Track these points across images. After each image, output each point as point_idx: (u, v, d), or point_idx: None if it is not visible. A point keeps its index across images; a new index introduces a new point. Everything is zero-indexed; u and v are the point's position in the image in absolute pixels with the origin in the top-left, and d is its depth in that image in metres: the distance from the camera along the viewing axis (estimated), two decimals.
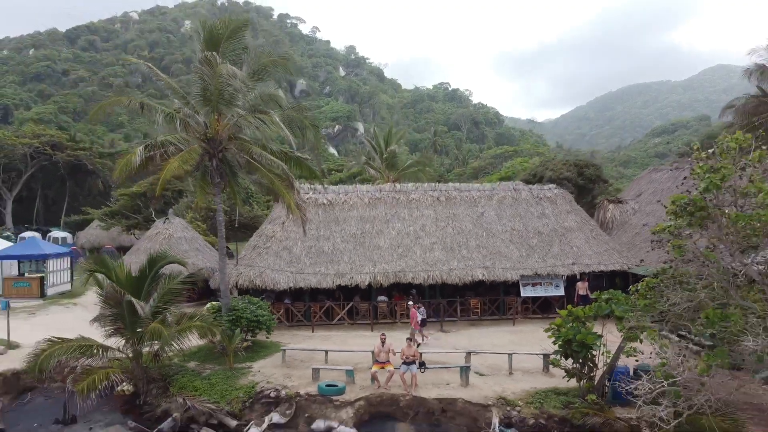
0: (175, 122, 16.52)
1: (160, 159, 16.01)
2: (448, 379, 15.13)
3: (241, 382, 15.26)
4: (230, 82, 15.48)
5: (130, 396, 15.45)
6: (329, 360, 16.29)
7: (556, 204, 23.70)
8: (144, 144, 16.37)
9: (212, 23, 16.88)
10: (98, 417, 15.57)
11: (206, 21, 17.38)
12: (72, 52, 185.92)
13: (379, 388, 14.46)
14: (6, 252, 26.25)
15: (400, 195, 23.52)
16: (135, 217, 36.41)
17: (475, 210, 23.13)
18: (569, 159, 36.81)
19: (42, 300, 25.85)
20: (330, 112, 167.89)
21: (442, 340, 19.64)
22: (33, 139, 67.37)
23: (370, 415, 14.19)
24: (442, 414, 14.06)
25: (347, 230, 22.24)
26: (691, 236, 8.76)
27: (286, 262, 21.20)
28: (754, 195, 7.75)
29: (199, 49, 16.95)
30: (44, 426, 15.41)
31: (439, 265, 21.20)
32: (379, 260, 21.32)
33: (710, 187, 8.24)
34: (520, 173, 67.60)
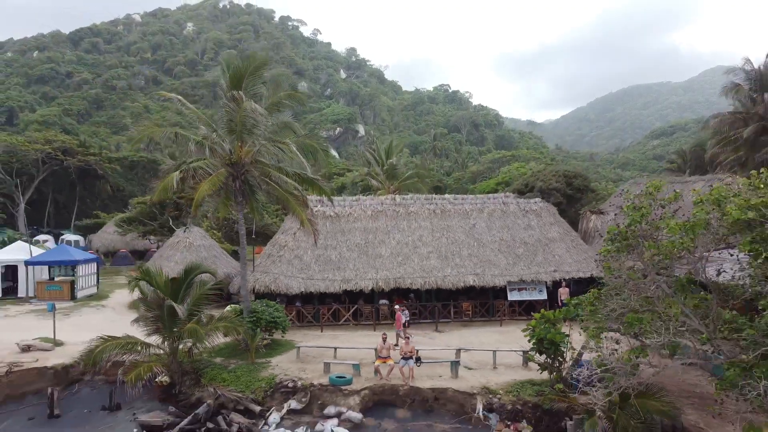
0: (204, 148, 19.07)
1: (192, 180, 18.55)
2: (441, 372, 17.72)
3: (262, 375, 17.84)
4: (252, 116, 18.07)
5: (167, 386, 18.02)
6: (338, 356, 18.88)
7: (541, 216, 26.31)
8: (179, 169, 18.88)
9: (237, 64, 19.41)
10: (139, 404, 18.16)
11: (231, 61, 19.86)
12: (75, 54, 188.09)
13: (381, 380, 17.04)
14: (40, 258, 28.86)
15: (399, 208, 26.12)
16: (151, 223, 39.00)
17: (467, 222, 25.74)
18: (558, 170, 39.31)
19: (73, 302, 28.45)
20: (331, 114, 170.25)
21: (436, 339, 22.21)
22: (45, 144, 69.79)
23: (373, 402, 16.77)
24: (435, 401, 16.64)
25: (352, 240, 24.84)
26: (619, 258, 11.30)
27: (297, 269, 23.78)
28: (664, 228, 10.26)
29: (225, 85, 19.47)
30: (93, 412, 18.01)
31: (434, 272, 23.79)
32: (380, 267, 23.90)
33: (632, 222, 10.80)
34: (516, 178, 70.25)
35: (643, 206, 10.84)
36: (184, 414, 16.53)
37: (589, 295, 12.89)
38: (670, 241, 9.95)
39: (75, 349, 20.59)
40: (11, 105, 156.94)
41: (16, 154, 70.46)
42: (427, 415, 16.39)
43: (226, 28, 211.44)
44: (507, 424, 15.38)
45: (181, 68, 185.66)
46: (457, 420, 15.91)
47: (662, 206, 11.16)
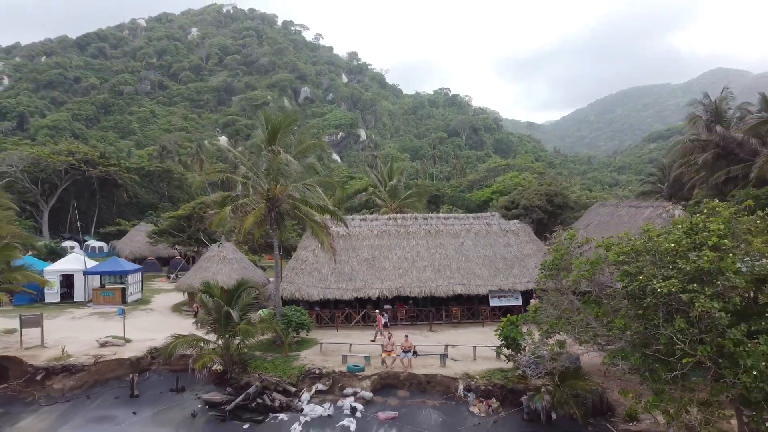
0: (248, 187, 24.50)
1: (240, 212, 23.94)
2: (432, 362, 23.19)
3: (294, 364, 23.31)
4: (286, 164, 23.50)
5: (220, 373, 23.46)
6: (352, 350, 24.34)
7: (518, 235, 31.74)
8: (225, 203, 24.27)
9: (273, 120, 24.74)
10: (198, 387, 23.65)
11: (269, 117, 25.18)
12: (83, 59, 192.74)
13: (386, 368, 22.51)
14: (96, 268, 34.35)
15: (400, 228, 31.59)
16: (180, 235, 44.45)
17: (457, 240, 31.19)
18: (541, 189, 44.68)
19: (125, 306, 33.89)
20: (333, 119, 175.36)
21: (430, 337, 27.66)
22: (68, 156, 75.13)
23: (381, 384, 22.24)
24: (427, 384, 22.12)
25: (361, 256, 30.30)
26: (547, 282, 16.63)
27: (316, 280, 29.26)
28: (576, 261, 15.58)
29: (264, 137, 24.80)
30: (164, 393, 23.47)
31: (429, 282, 29.25)
32: (385, 278, 29.36)
33: (556, 258, 16.13)
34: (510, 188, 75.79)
35: (563, 248, 16.20)
36: (237, 393, 21.97)
37: (532, 306, 18.32)
38: (578, 273, 15.32)
39: (141, 345, 26.20)
40: (22, 110, 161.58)
41: (41, 164, 75.93)
42: (421, 394, 21.89)
43: (230, 33, 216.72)
44: (481, 401, 20.85)
45: (186, 73, 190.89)
46: (443, 397, 21.38)
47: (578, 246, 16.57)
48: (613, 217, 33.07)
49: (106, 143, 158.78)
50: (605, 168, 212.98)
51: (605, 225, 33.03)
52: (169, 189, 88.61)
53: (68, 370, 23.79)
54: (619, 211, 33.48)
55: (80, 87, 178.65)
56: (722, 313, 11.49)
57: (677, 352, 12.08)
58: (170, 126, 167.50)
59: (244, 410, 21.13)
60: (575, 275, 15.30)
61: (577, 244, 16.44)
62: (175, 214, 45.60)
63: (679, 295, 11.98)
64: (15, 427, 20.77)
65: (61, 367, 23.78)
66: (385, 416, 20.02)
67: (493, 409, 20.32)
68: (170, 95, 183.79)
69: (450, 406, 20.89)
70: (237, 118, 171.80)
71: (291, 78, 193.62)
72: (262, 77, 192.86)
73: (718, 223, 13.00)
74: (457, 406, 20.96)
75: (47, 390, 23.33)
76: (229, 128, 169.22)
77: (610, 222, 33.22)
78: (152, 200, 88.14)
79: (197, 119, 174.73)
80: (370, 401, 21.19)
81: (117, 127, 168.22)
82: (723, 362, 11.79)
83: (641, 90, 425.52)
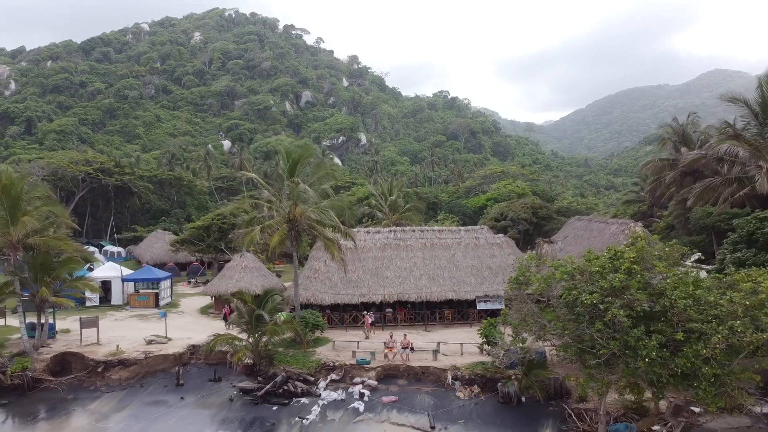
0: (273, 210, 29.45)
1: (267, 232, 28.88)
2: (426, 357, 28.18)
3: (312, 358, 28.29)
4: (304, 192, 28.46)
5: (250, 366, 28.42)
6: (360, 346, 29.32)
7: (502, 248, 36.71)
8: (251, 224, 29.21)
9: (294, 154, 29.67)
10: (232, 377, 28.60)
11: (290, 152, 30.11)
12: (88, 64, 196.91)
13: (388, 361, 27.48)
14: (133, 276, 39.35)
15: (400, 241, 36.57)
16: (200, 244, 49.41)
17: (449, 252, 36.16)
18: (526, 202, 49.64)
19: (157, 309, 38.93)
20: (334, 123, 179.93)
21: (425, 336, 32.62)
22: (86, 165, 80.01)
23: (384, 374, 27.23)
24: (422, 374, 27.11)
25: (366, 266, 35.27)
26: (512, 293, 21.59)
27: (327, 287, 34.23)
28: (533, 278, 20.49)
29: (285, 169, 29.71)
30: (203, 382, 28.44)
31: (425, 289, 34.22)
32: (387, 286, 34.34)
33: (519, 275, 21.01)
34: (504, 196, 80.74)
35: (524, 266, 21.13)
36: (265, 382, 26.94)
37: (504, 311, 23.32)
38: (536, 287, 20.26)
39: (181, 342, 31.17)
40: (30, 115, 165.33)
41: (60, 173, 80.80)
42: (417, 383, 26.88)
43: (232, 38, 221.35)
44: (465, 387, 25.84)
45: (190, 77, 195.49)
46: (435, 385, 26.38)
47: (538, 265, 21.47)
48: (587, 231, 38.10)
49: (112, 147, 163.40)
50: (602, 170, 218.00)
51: (579, 237, 38.07)
52: (179, 195, 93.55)
53: (123, 363, 28.81)
54: (591, 226, 38.50)
55: (86, 91, 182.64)
56: (626, 318, 16.47)
57: (597, 346, 17.07)
58: (175, 130, 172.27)
59: (272, 396, 26.11)
60: (534, 288, 20.25)
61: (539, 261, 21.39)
62: (195, 225, 50.56)
63: (598, 305, 16.96)
64: (87, 409, 25.79)
65: (117, 360, 28.80)
66: (387, 399, 25.01)
67: (475, 393, 25.32)
68: (174, 99, 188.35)
69: (440, 392, 25.87)
70: (240, 122, 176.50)
71: (292, 82, 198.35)
72: (264, 81, 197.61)
73: (632, 252, 18.01)
74: (446, 391, 25.94)
75: (106, 380, 28.34)
76: (233, 132, 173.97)
77: (583, 235, 38.24)
78: (163, 206, 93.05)
79: (201, 123, 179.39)
80: (375, 388, 26.17)
81: (123, 131, 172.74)
82: (628, 353, 16.76)
83: (639, 91, 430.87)
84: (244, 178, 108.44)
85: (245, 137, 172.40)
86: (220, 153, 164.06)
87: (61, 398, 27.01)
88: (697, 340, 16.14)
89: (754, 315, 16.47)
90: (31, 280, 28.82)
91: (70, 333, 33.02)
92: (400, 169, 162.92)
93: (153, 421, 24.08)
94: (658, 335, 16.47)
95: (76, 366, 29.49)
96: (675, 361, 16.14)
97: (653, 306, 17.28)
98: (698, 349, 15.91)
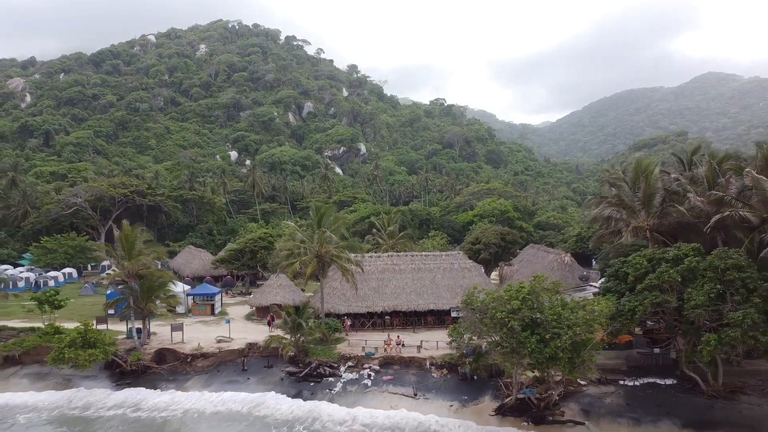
0: (306, 249, 43.17)
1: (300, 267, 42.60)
2: (413, 350, 42.07)
3: (334, 352, 42.13)
4: (328, 238, 42.23)
5: (292, 356, 42.20)
6: (367, 343, 43.18)
7: (471, 271, 50.49)
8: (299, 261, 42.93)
9: (321, 210, 43.40)
10: (280, 365, 42.41)
11: (319, 208, 43.81)
12: (99, 77, 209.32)
13: (387, 354, 41.36)
14: (195, 291, 53.15)
15: (395, 266, 50.33)
16: (236, 262, 63.18)
17: (431, 274, 49.96)
18: (497, 230, 63.33)
19: (213, 317, 52.70)
20: (335, 135, 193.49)
21: (413, 336, 46.43)
22: (124, 189, 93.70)
23: (384, 362, 41.12)
24: (410, 362, 41.03)
25: (371, 284, 49.04)
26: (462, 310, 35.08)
27: (342, 300, 48.04)
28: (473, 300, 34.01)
29: (314, 219, 43.43)
30: (260, 369, 42.18)
31: (413, 301, 48.01)
32: (386, 299, 48.11)
33: (466, 299, 34.45)
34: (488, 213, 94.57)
35: (470, 293, 34.78)
36: (304, 368, 40.72)
37: (460, 320, 37.15)
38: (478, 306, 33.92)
39: (240, 341, 44.97)
40: (48, 128, 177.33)
41: (100, 195, 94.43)
42: (406, 368, 40.76)
43: (236, 50, 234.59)
44: (438, 370, 39.69)
45: (197, 89, 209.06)
46: (418, 369, 40.24)
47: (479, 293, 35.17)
48: (535, 257, 52.09)
49: (126, 158, 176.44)
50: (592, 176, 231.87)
51: (529, 262, 52.06)
52: (200, 212, 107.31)
53: (204, 355, 42.65)
54: (538, 253, 52.47)
55: (99, 104, 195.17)
56: (518, 326, 30.27)
57: (504, 342, 30.94)
58: (184, 141, 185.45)
59: (309, 376, 39.95)
60: (476, 307, 33.99)
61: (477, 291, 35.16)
62: (233, 247, 64.32)
63: (503, 319, 30.78)
64: (184, 385, 39.67)
65: (200, 354, 42.65)
66: (386, 378, 38.87)
67: (444, 374, 39.18)
68: (183, 111, 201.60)
69: (421, 373, 39.73)
70: (246, 133, 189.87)
71: (295, 94, 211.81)
72: (268, 93, 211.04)
73: (527, 288, 31.85)
74: (425, 373, 39.76)
75: (193, 367, 42.18)
76: (239, 143, 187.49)
77: (532, 260, 52.20)
78: (186, 221, 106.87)
79: (209, 134, 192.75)
80: (378, 371, 40.00)
81: (135, 142, 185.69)
82: (520, 346, 30.55)
83: (634, 93, 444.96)
84: (256, 191, 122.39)
85: (251, 148, 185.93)
86: (227, 163, 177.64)
87: (165, 379, 40.95)
88: (557, 338, 29.97)
89: (590, 324, 30.34)
90: (140, 298, 42.56)
91: (158, 335, 46.83)
92: (398, 179, 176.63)
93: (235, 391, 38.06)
94: (537, 335, 30.29)
95: (169, 358, 43.32)
96: (545, 351, 29.96)
97: (537, 318, 31.12)
98: (557, 343, 29.74)
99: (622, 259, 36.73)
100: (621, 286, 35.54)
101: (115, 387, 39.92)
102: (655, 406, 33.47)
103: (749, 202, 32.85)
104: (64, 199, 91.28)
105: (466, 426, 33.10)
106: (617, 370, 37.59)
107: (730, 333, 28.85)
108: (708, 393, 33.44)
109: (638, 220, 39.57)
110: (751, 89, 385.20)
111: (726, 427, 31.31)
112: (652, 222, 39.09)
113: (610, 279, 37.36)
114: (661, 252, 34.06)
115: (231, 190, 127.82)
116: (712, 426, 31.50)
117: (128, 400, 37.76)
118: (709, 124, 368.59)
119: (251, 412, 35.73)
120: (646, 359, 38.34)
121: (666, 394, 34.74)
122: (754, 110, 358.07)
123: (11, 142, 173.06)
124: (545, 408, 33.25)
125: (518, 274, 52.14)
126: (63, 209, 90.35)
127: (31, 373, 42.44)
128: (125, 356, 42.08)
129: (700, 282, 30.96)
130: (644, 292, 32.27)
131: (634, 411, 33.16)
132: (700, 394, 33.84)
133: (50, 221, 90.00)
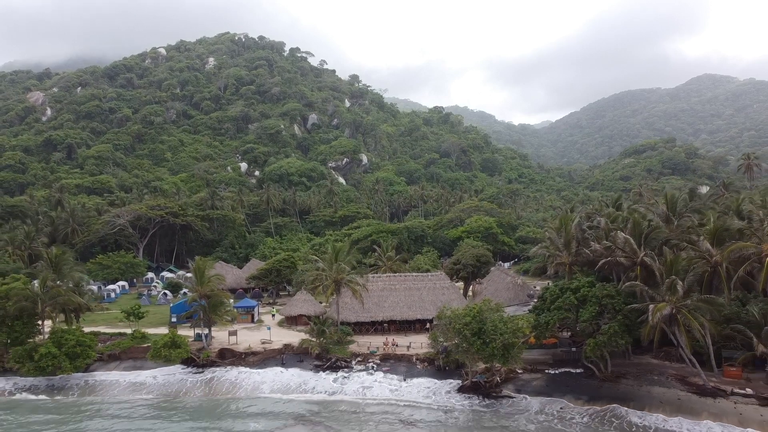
0: (326, 276, 61.12)
1: (322, 289, 60.59)
2: (404, 349, 60.19)
3: (347, 350, 60.27)
4: (342, 269, 60.22)
5: (317, 354, 60.24)
6: (371, 344, 61.30)
7: (449, 290, 68.41)
8: (321, 285, 60.87)
9: (337, 248, 61.31)
10: (309, 360, 60.60)
11: (337, 247, 61.71)
12: (115, 90, 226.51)
13: (386, 351, 59.49)
14: (239, 304, 71.28)
15: (392, 286, 68.31)
16: (266, 279, 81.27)
17: (419, 292, 67.92)
18: (474, 253, 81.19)
19: (254, 323, 70.84)
20: (339, 146, 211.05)
21: (405, 338, 64.45)
22: (160, 210, 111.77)
23: (383, 358, 59.31)
24: (402, 357, 59.23)
25: (373, 300, 67.05)
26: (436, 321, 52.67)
27: (352, 312, 66.15)
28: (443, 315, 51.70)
29: (332, 254, 61.41)
30: (294, 363, 60.32)
31: (405, 313, 66.05)
32: (384, 311, 66.17)
33: (438, 315, 51.96)
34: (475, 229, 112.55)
35: (441, 311, 52.46)
36: (326, 362, 58.74)
37: (435, 328, 55.04)
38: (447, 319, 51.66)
39: (278, 343, 63.10)
40: (70, 141, 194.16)
41: (138, 215, 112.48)
42: (398, 362, 58.94)
43: (243, 63, 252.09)
44: (422, 363, 57.79)
45: (207, 103, 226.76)
46: (408, 363, 58.36)
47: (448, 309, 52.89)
48: (498, 277, 70.19)
49: (143, 170, 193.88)
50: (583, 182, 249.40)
51: (494, 281, 70.17)
52: (223, 228, 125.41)
53: (254, 353, 60.81)
54: (501, 274, 70.59)
55: (115, 117, 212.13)
56: (469, 333, 48.27)
57: (462, 344, 49.02)
58: (197, 153, 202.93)
59: (330, 368, 58.03)
60: (444, 320, 51.78)
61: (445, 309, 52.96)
62: (264, 267, 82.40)
63: (460, 328, 48.80)
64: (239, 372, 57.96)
65: (251, 352, 60.81)
66: (385, 369, 57.02)
67: (425, 366, 57.27)
68: (195, 124, 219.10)
69: (410, 365, 57.81)
70: (254, 145, 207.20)
71: (300, 107, 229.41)
72: (274, 106, 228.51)
73: (476, 308, 49.93)
74: (413, 365, 57.81)
75: (246, 362, 60.31)
76: (248, 155, 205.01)
77: (496, 280, 70.33)
78: (210, 237, 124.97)
79: (220, 146, 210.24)
80: (379, 364, 58.09)
81: (151, 155, 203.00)
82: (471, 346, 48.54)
83: (632, 94, 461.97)
84: (270, 206, 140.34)
85: (260, 159, 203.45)
86: (238, 174, 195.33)
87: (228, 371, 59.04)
88: (493, 342, 47.91)
89: (515, 333, 48.31)
90: (208, 311, 60.59)
91: (216, 338, 64.92)
92: (397, 189, 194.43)
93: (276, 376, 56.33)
94: (481, 340, 48.25)
95: (227, 355, 61.42)
96: (486, 350, 47.92)
97: (482, 328, 49.07)
98: (494, 345, 47.71)
99: (544, 287, 54.71)
100: (543, 305, 53.51)
101: (196, 372, 58.16)
102: (564, 386, 51.52)
103: (626, 251, 50.73)
104: (110, 220, 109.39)
105: (439, 399, 51.20)
106: (545, 363, 55.59)
107: (601, 338, 46.80)
108: (600, 377, 51.34)
109: (561, 258, 57.48)
110: (746, 91, 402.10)
111: (607, 399, 49.27)
112: (571, 259, 56.97)
113: (537, 300, 55.35)
114: (569, 283, 51.98)
115: (249, 203, 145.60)
116: (598, 398, 49.49)
117: (208, 375, 56.40)
118: (703, 126, 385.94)
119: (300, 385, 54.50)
120: (567, 355, 56.26)
121: (574, 379, 52.74)
122: (747, 112, 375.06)
123: (36, 155, 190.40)
124: (491, 387, 51.31)
125: (486, 291, 70.04)
126: (109, 229, 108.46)
127: (129, 366, 60.62)
128: (198, 354, 60.19)
129: (588, 305, 48.86)
130: (554, 311, 50.20)
131: (550, 389, 51.21)
132: (596, 379, 51.77)
133: (98, 239, 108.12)
